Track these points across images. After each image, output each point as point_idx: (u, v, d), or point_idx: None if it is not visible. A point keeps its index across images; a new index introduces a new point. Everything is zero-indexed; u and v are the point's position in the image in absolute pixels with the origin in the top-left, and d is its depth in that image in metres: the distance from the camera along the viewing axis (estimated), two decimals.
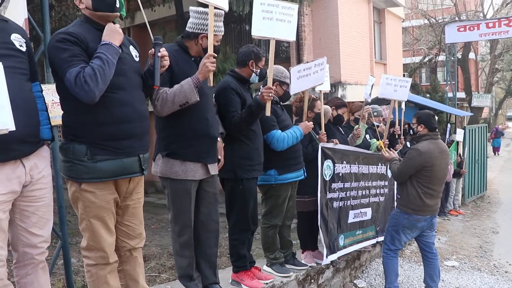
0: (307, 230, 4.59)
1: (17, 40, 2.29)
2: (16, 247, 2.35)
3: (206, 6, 2.94)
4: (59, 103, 2.52)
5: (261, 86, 3.85)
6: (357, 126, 5.16)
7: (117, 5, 2.48)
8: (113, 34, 2.42)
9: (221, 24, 3.09)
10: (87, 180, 2.42)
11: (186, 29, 3.14)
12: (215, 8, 2.93)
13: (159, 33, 8.78)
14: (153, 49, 2.58)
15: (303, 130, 3.91)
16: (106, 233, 2.51)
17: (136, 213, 2.68)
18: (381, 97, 5.47)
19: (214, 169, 3.16)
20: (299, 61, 11.12)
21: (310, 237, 4.61)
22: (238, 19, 10.60)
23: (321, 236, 4.37)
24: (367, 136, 5.62)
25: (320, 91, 4.49)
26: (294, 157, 3.92)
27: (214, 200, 3.22)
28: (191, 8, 3.12)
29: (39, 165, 2.34)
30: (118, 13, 2.53)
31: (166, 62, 2.63)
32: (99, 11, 2.45)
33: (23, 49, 2.31)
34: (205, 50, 2.99)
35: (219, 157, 3.29)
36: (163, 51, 2.59)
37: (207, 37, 2.95)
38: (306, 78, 3.95)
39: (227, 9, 3.05)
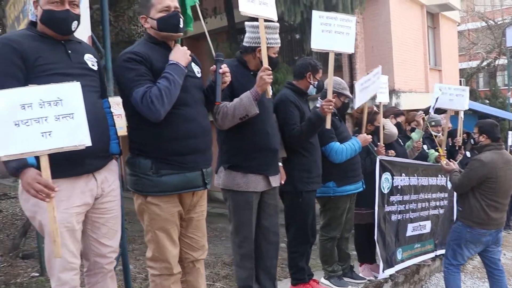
0: (365, 243, 4.52)
1: (90, 60, 2.41)
2: (87, 256, 2.46)
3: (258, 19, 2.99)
4: (118, 116, 2.62)
5: (319, 98, 3.86)
6: (415, 135, 5.03)
7: (181, 25, 2.57)
8: (180, 54, 2.50)
9: (277, 36, 3.13)
10: (152, 194, 2.50)
11: (243, 43, 3.21)
12: (268, 20, 2.98)
13: (213, 44, 8.94)
14: (214, 66, 2.64)
15: (361, 142, 3.87)
16: (170, 244, 2.58)
17: (199, 225, 2.74)
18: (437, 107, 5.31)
19: (275, 181, 3.19)
20: (351, 69, 11.01)
21: (368, 250, 4.53)
22: (289, 28, 10.65)
23: (378, 250, 4.29)
24: (425, 147, 5.46)
25: (380, 102, 4.44)
26: (353, 169, 3.89)
27: (274, 212, 3.24)
28: (246, 23, 3.19)
29: (109, 179, 2.44)
30: (182, 33, 2.62)
31: (228, 78, 2.68)
32: (163, 32, 2.54)
33: (95, 68, 2.43)
34: (262, 63, 3.03)
35: (282, 181, 3.33)
36: (224, 68, 2.65)
37: None
38: (366, 89, 3.97)
39: (276, 19, 3.10)
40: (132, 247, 7.39)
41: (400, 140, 5.01)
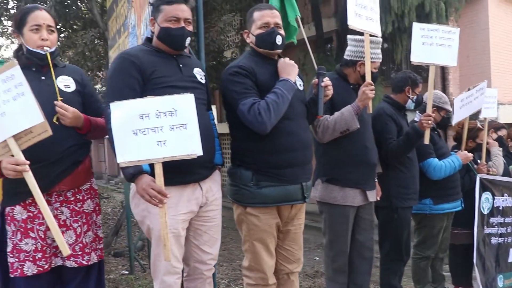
0: (461, 265, 4.27)
1: (199, 74, 2.52)
2: (188, 261, 2.54)
3: (362, 34, 2.98)
4: None
5: (417, 112, 3.74)
6: None
7: (279, 42, 2.58)
8: (288, 69, 2.53)
9: (379, 51, 3.11)
10: (251, 205, 2.55)
11: (345, 57, 3.23)
12: (371, 35, 2.96)
13: (299, 54, 8.96)
14: (316, 79, 2.65)
15: (462, 160, 3.69)
16: (267, 255, 2.61)
17: (296, 238, 2.75)
18: None
19: (372, 196, 3.14)
20: (444, 80, 10.51)
21: (464, 272, 4.28)
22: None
23: (477, 274, 4.03)
24: None
25: (485, 118, 4.19)
26: (452, 187, 3.72)
27: (369, 228, 3.19)
28: (349, 36, 3.21)
29: (213, 188, 2.52)
30: (280, 50, 2.64)
31: (330, 92, 2.67)
32: (260, 48, 2.60)
33: (203, 81, 2.53)
34: (363, 77, 3.03)
35: (377, 197, 3.28)
36: (326, 81, 2.64)
37: (364, 64, 2.98)
38: (468, 105, 3.80)
39: (380, 35, 3.09)
40: None
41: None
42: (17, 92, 2.11)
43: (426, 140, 3.21)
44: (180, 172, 2.26)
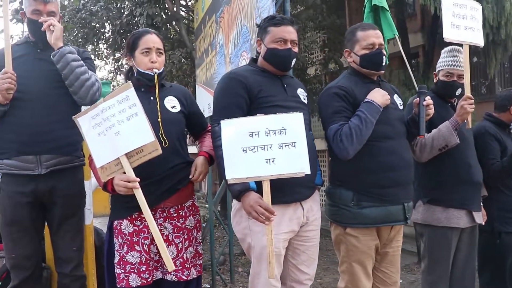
0: None
1: (302, 94, 2.55)
2: (284, 280, 2.52)
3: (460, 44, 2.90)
4: None
5: None
6: None
7: (384, 63, 2.56)
8: (379, 94, 2.49)
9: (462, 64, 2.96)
10: (352, 225, 2.50)
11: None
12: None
13: (385, 71, 8.78)
14: (417, 98, 2.60)
15: None
16: (364, 277, 2.54)
17: (394, 260, 2.67)
18: None
19: (479, 217, 2.98)
20: None
21: None
22: (470, 51, 9.84)
23: None
24: None
25: None
26: None
27: (472, 253, 3.03)
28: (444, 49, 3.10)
29: (314, 208, 2.51)
30: (383, 71, 2.62)
31: (431, 111, 2.61)
32: (366, 69, 2.57)
33: (306, 101, 2.57)
34: (441, 85, 3.02)
35: (482, 222, 3.10)
36: (428, 100, 2.58)
37: (442, 72, 2.97)
38: None
39: (482, 44, 2.99)
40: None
41: None
42: (131, 113, 2.22)
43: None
44: (283, 191, 2.27)
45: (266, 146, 2.07)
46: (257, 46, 2.49)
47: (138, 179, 2.22)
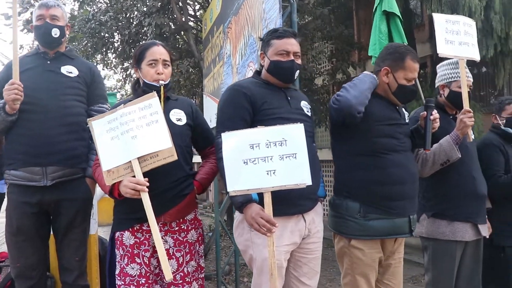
0: None
1: (305, 107, 2.56)
2: None
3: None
4: None
5: None
6: None
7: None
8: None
9: (468, 70, 2.98)
10: (357, 237, 2.50)
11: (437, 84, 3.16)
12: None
13: None
14: (425, 112, 2.60)
15: None
16: None
17: (395, 272, 2.66)
18: None
19: (484, 230, 2.95)
20: None
21: None
22: (478, 62, 9.82)
23: None
24: None
25: None
26: None
27: (477, 266, 2.99)
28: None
29: (316, 220, 2.50)
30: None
31: (437, 125, 2.62)
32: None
33: (309, 114, 2.57)
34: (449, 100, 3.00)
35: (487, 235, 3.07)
36: (435, 114, 2.59)
37: (447, 87, 2.99)
38: None
39: (478, 59, 3.01)
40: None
41: None
42: (151, 120, 2.27)
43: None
44: (285, 203, 2.27)
45: (267, 158, 2.07)
46: (261, 59, 2.51)
47: (147, 184, 2.21)
